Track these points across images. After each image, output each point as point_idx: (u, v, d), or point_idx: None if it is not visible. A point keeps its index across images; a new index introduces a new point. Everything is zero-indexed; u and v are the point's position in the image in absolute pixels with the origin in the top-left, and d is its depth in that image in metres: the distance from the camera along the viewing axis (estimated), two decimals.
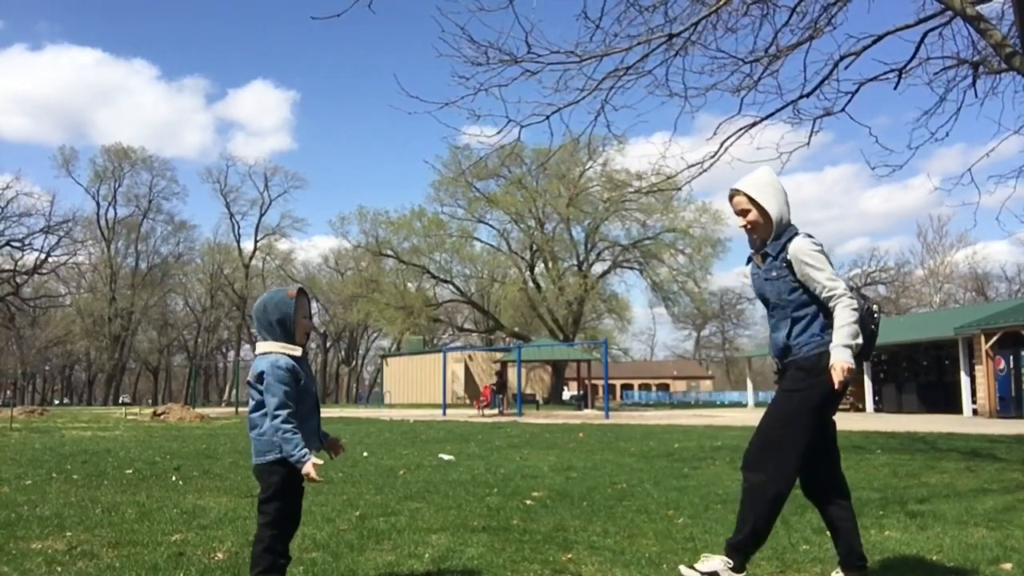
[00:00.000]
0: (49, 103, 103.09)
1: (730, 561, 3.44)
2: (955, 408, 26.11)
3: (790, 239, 3.47)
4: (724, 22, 8.54)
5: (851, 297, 3.33)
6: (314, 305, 77.27)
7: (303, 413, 3.18)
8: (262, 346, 3.22)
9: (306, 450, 3.06)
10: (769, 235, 3.53)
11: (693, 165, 9.06)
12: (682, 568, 3.54)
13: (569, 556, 4.07)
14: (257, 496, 3.22)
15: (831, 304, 3.36)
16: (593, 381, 43.47)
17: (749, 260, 3.70)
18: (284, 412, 3.08)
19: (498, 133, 8.14)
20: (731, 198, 3.60)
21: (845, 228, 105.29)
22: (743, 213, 3.54)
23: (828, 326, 3.39)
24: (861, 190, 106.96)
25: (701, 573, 3.44)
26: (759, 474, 3.44)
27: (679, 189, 10.23)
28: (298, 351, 3.21)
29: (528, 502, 5.93)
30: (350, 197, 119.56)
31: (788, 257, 3.44)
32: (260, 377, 3.16)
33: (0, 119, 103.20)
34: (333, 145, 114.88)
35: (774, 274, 3.49)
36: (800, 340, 3.42)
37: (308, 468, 3.02)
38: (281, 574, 3.15)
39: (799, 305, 3.44)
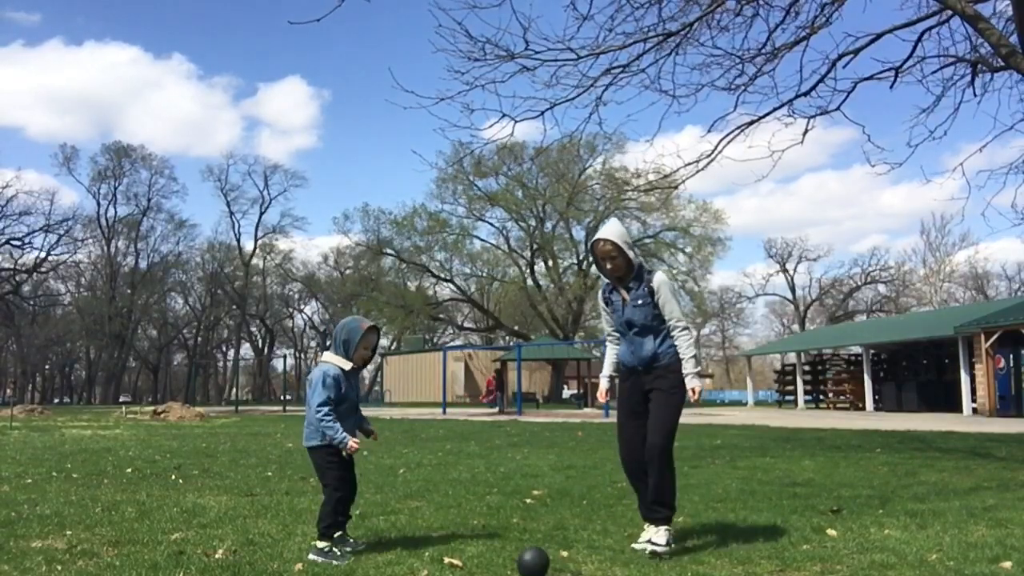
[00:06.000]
0: (81, 100, 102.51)
1: (670, 528, 4.29)
2: (955, 407, 26.10)
3: (648, 272, 4.52)
4: (718, 22, 8.56)
5: (687, 329, 4.44)
6: (314, 303, 77.60)
7: (343, 412, 4.20)
8: (325, 355, 4.30)
9: (345, 434, 4.12)
10: (628, 273, 4.48)
11: (690, 163, 9.08)
12: (649, 547, 4.13)
13: (569, 555, 4.08)
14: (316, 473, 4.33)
15: (675, 332, 4.43)
16: (593, 380, 43.36)
17: (608, 294, 4.62)
18: (325, 408, 4.13)
19: (491, 127, 8.17)
20: (600, 247, 4.48)
21: (863, 226, 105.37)
22: (612, 258, 4.44)
23: (672, 338, 4.48)
24: (881, 188, 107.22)
25: (668, 546, 4.12)
26: (668, 457, 4.36)
27: (676, 187, 10.26)
28: (348, 365, 4.23)
29: (528, 501, 5.94)
30: (355, 196, 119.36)
31: (652, 286, 4.44)
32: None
33: (30, 115, 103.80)
34: (347, 145, 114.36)
35: (640, 302, 4.46)
36: (663, 350, 4.44)
37: (351, 445, 4.13)
38: (341, 528, 4.16)
39: (659, 324, 4.46)
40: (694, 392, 4.34)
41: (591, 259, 4.64)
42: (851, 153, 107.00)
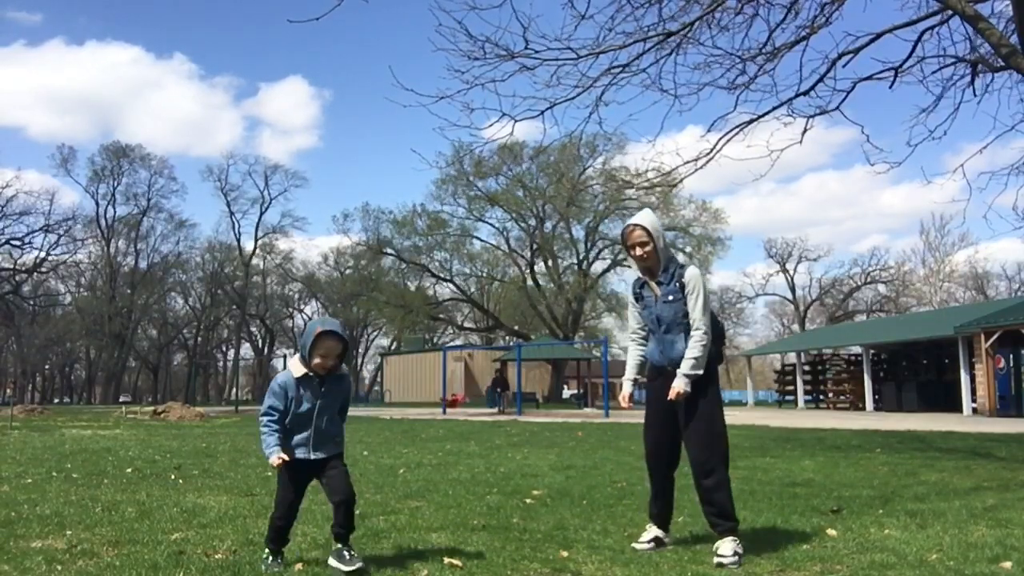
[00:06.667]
0: (82, 100, 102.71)
1: (738, 539, 4.04)
2: (955, 407, 26.10)
3: (680, 267, 4.30)
4: (718, 21, 8.56)
5: (705, 333, 4.17)
6: (314, 303, 77.46)
7: (296, 424, 3.88)
8: (291, 359, 3.98)
9: (272, 447, 3.81)
10: (657, 265, 4.29)
11: (689, 161, 9.09)
12: (716, 559, 3.92)
13: (569, 555, 4.08)
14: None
15: (692, 331, 4.19)
16: (593, 379, 43.39)
17: (639, 289, 4.40)
18: (264, 418, 3.85)
19: (491, 126, 8.17)
20: (630, 232, 4.29)
21: (863, 226, 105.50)
22: (642, 245, 4.25)
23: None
24: (882, 188, 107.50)
25: (736, 556, 3.91)
26: (719, 470, 4.16)
27: (675, 185, 10.28)
28: (299, 372, 3.83)
29: (528, 501, 5.94)
30: (356, 196, 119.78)
31: (684, 281, 4.24)
32: None
33: (31, 115, 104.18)
34: (347, 145, 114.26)
35: (671, 298, 4.26)
36: None
37: (272, 461, 3.80)
38: (277, 547, 3.90)
39: (689, 321, 4.22)
40: (673, 392, 4.11)
41: (623, 247, 4.40)
42: (852, 153, 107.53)
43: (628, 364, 4.55)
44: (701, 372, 4.15)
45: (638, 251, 4.27)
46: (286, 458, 3.77)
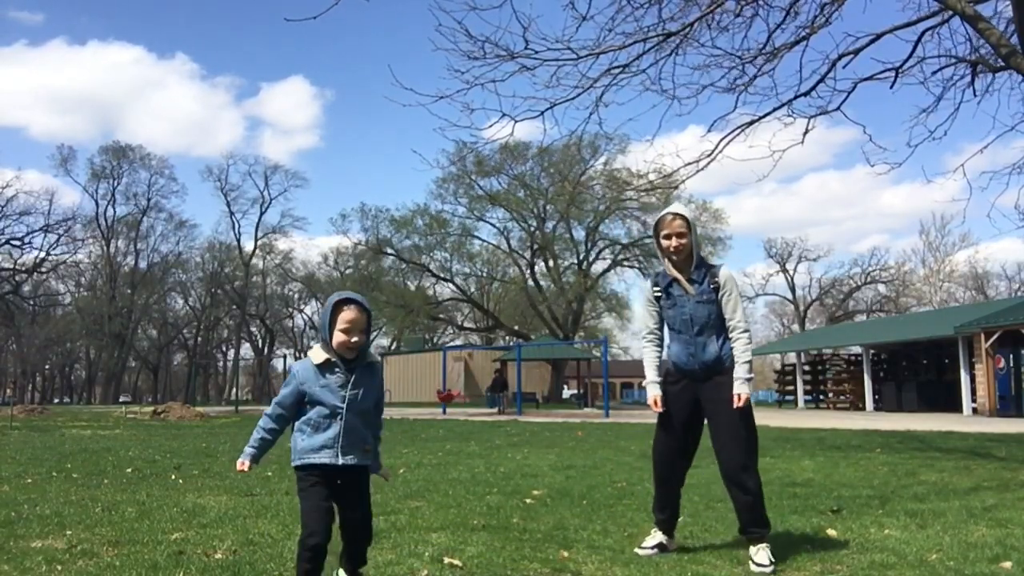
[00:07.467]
0: (84, 99, 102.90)
1: (768, 544, 3.93)
2: (955, 407, 26.11)
3: (713, 266, 4.15)
4: (718, 22, 8.57)
5: (751, 334, 4.14)
6: (314, 303, 77.41)
7: (319, 420, 3.23)
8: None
9: (245, 450, 3.23)
10: (689, 261, 4.12)
11: (690, 163, 9.10)
12: (763, 570, 3.74)
13: (569, 555, 4.08)
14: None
15: (735, 334, 4.10)
16: (593, 380, 43.45)
17: (667, 287, 4.17)
18: (267, 409, 3.32)
19: (491, 126, 8.17)
20: (669, 220, 4.09)
21: (863, 226, 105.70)
22: (680, 236, 4.06)
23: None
24: (882, 188, 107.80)
25: (772, 564, 3.76)
26: (756, 474, 4.08)
27: (676, 187, 10.30)
28: (320, 357, 3.22)
29: (528, 501, 5.93)
30: (357, 196, 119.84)
31: (718, 281, 4.09)
32: None
33: (32, 115, 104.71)
34: (349, 145, 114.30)
35: (704, 298, 4.09)
36: (726, 352, 4.13)
37: (238, 464, 3.22)
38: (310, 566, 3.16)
39: (722, 324, 4.12)
40: (739, 399, 4.03)
41: (654, 237, 4.16)
42: (853, 153, 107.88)
43: (649, 366, 4.29)
44: (752, 375, 4.12)
45: (674, 242, 4.06)
46: (246, 465, 3.22)
